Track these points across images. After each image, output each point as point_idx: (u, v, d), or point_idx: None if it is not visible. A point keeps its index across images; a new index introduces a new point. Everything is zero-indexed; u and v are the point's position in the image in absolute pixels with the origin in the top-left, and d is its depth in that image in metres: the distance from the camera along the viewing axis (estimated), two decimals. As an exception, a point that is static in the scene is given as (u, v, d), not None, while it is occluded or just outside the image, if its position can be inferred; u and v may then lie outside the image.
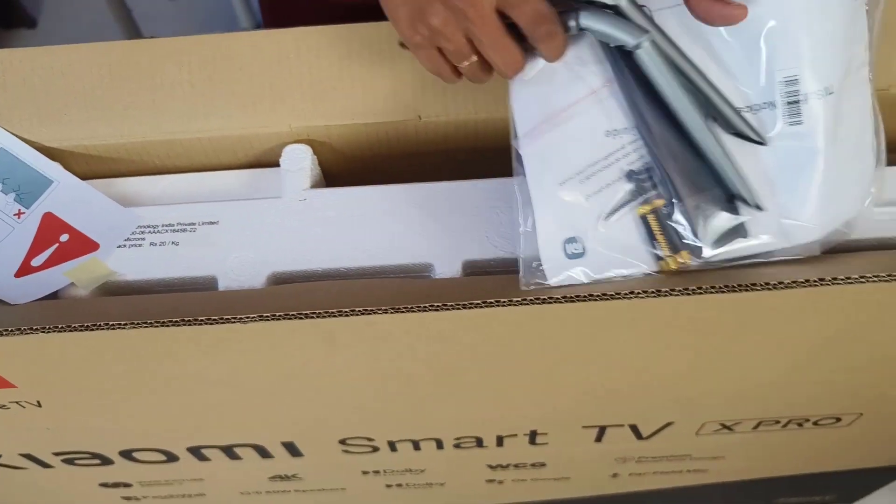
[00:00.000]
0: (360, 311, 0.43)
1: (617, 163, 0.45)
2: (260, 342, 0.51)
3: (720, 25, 0.43)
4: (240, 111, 0.54)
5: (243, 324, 0.43)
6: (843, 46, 0.46)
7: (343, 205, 0.51)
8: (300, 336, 0.50)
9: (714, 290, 0.42)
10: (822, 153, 0.45)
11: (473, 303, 0.44)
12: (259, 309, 0.45)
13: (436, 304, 0.44)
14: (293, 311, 0.43)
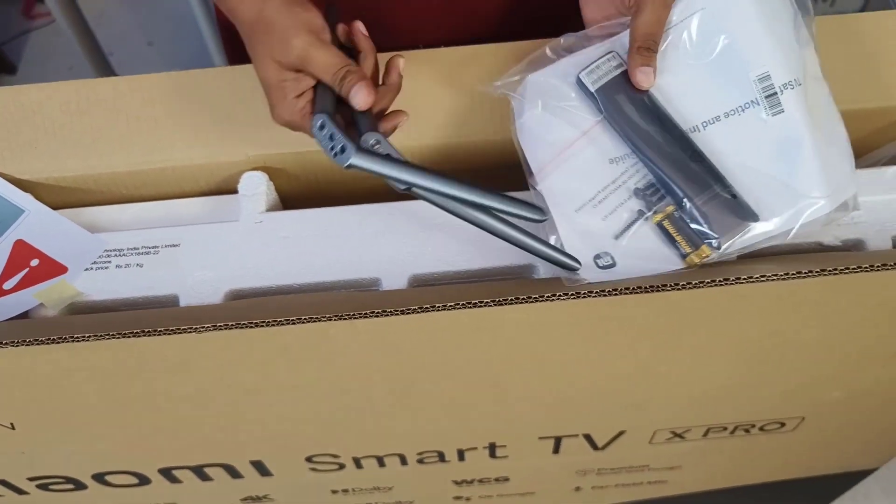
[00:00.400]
0: (307, 318, 0.46)
1: (624, 184, 0.51)
2: (221, 357, 0.54)
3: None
4: (201, 142, 0.58)
5: (198, 333, 0.46)
6: (796, 47, 0.52)
7: (296, 226, 0.55)
8: (259, 350, 0.53)
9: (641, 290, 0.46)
10: (809, 133, 0.50)
11: (420, 308, 0.47)
12: (217, 321, 0.48)
13: (380, 311, 0.47)
14: (246, 321, 0.46)
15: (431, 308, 0.46)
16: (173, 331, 0.46)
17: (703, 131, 0.51)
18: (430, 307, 0.46)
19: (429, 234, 0.55)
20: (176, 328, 0.46)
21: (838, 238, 0.53)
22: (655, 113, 0.51)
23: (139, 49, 1.86)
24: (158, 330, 0.46)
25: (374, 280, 0.53)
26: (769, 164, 0.51)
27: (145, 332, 0.46)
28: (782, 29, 0.51)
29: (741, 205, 0.50)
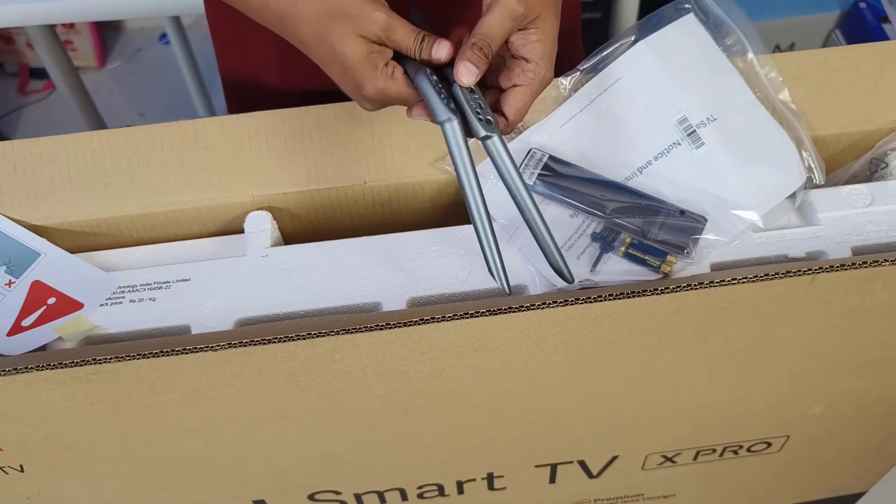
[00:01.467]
0: (315, 333, 0.49)
1: (585, 232, 0.59)
2: (229, 386, 0.56)
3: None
4: (207, 185, 0.62)
5: (214, 352, 0.49)
6: (712, 87, 0.61)
7: (299, 258, 0.59)
8: (266, 376, 0.56)
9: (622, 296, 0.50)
10: (729, 158, 0.59)
11: (420, 319, 0.50)
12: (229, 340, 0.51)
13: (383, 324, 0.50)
14: (257, 338, 0.49)
15: (430, 319, 0.50)
16: (187, 350, 0.49)
17: (641, 174, 0.60)
18: (430, 318, 0.49)
19: (424, 262, 0.58)
20: (191, 347, 0.49)
21: (802, 250, 0.57)
22: (589, 177, 0.59)
23: (131, 120, 1.92)
24: (174, 350, 0.49)
25: (374, 304, 0.56)
26: (702, 187, 0.59)
27: (161, 353, 0.49)
28: (696, 76, 0.61)
29: (689, 215, 0.57)
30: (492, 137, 0.49)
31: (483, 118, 0.48)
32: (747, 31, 0.62)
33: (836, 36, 1.32)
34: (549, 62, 0.49)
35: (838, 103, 0.64)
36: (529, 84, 0.49)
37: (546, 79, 0.50)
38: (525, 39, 0.49)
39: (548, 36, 0.49)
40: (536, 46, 0.48)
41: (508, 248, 0.58)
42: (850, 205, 0.59)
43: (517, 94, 0.49)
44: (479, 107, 0.48)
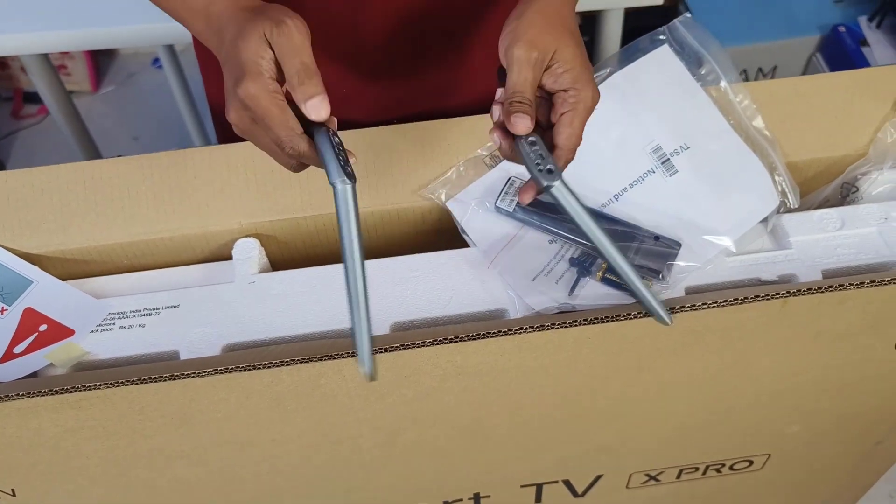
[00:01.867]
0: (300, 359, 0.51)
1: (563, 257, 0.60)
2: (218, 410, 0.58)
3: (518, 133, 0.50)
4: (196, 213, 0.64)
5: (200, 378, 0.51)
6: (686, 117, 0.63)
7: (286, 284, 0.60)
8: (254, 401, 0.57)
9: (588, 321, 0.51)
10: (702, 184, 0.62)
11: (402, 345, 0.52)
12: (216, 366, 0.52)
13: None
14: (243, 364, 0.50)
15: (412, 345, 0.51)
16: (175, 376, 0.50)
17: (617, 201, 0.62)
18: (411, 343, 0.51)
19: (407, 287, 0.60)
20: (178, 374, 0.50)
21: (775, 273, 0.59)
22: None
23: (125, 144, 1.93)
24: (162, 376, 0.51)
25: (359, 329, 0.58)
26: (676, 213, 0.61)
27: (150, 379, 0.51)
28: (670, 105, 0.64)
29: (664, 241, 0.59)
30: (554, 185, 0.48)
31: (544, 168, 0.48)
32: (721, 60, 0.64)
33: (817, 59, 1.35)
34: (587, 82, 0.50)
35: (810, 130, 0.66)
36: (573, 108, 0.49)
37: (589, 98, 0.50)
38: (554, 76, 0.49)
39: (573, 62, 0.49)
40: (566, 77, 0.49)
41: (489, 272, 0.59)
42: (821, 229, 0.61)
43: (564, 120, 0.49)
44: (539, 158, 0.48)
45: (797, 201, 0.63)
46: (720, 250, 0.59)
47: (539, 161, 0.48)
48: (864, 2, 1.36)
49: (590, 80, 0.50)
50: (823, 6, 1.37)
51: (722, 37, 1.36)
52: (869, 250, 0.59)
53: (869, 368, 0.66)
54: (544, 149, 0.49)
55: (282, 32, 0.46)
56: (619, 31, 1.24)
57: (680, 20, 0.65)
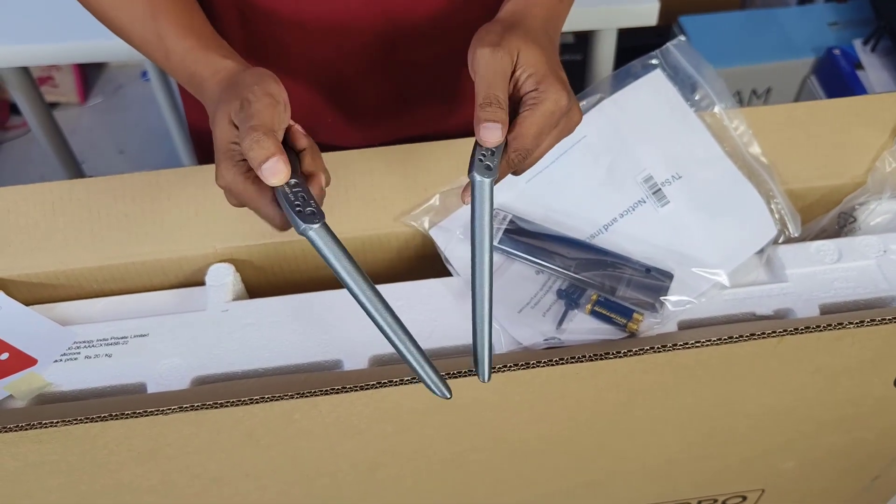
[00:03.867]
0: (271, 397, 0.48)
1: (551, 288, 0.58)
2: (187, 444, 0.55)
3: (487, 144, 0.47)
4: (169, 237, 0.61)
5: (165, 415, 0.48)
6: (679, 143, 0.61)
7: (260, 313, 0.58)
8: (225, 436, 0.54)
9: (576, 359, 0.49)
10: (695, 215, 0.59)
11: (378, 383, 0.49)
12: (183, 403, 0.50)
13: (340, 387, 0.49)
14: (210, 401, 0.48)
15: (390, 383, 0.48)
16: (140, 413, 0.48)
17: (606, 232, 0.59)
18: (389, 382, 0.48)
19: (388, 317, 0.57)
20: (143, 410, 0.48)
21: (770, 308, 0.56)
22: (552, 236, 0.59)
23: (110, 157, 1.91)
24: (125, 413, 0.48)
25: (335, 362, 0.55)
26: (668, 245, 0.58)
27: (112, 416, 0.48)
28: (662, 132, 0.61)
29: (655, 273, 0.57)
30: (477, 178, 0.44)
31: (484, 163, 0.45)
32: (715, 85, 0.62)
33: (811, 82, 1.33)
34: (552, 83, 0.46)
35: (806, 158, 0.64)
36: (531, 108, 0.46)
37: (552, 101, 0.46)
38: (518, 78, 0.46)
39: (537, 66, 0.46)
40: (530, 81, 0.46)
41: (472, 303, 0.57)
42: (818, 261, 0.58)
43: (517, 119, 0.46)
44: (487, 153, 0.45)
45: (798, 229, 0.60)
46: (713, 283, 0.57)
47: (484, 155, 0.45)
48: (858, 25, 1.35)
49: (556, 83, 0.46)
50: (818, 29, 1.36)
51: (716, 58, 1.35)
52: (867, 284, 0.57)
53: (867, 404, 0.64)
54: (499, 151, 0.45)
55: (242, 109, 0.45)
56: (612, 51, 1.23)
57: (673, 44, 0.63)
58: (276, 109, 0.45)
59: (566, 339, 0.54)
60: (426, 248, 0.62)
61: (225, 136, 0.46)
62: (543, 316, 0.56)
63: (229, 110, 0.46)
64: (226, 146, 0.46)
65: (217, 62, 0.50)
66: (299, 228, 0.43)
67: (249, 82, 0.46)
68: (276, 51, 0.65)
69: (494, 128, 0.45)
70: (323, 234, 0.44)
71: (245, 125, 0.44)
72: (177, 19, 0.52)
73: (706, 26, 1.37)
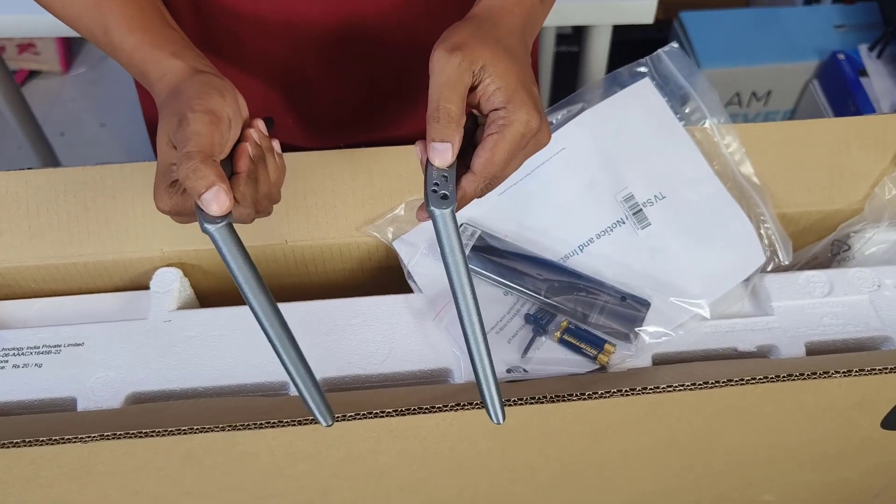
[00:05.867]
0: (206, 428, 0.44)
1: (519, 312, 0.54)
2: (121, 463, 0.51)
3: None
4: (113, 237, 0.57)
5: (84, 444, 0.44)
6: (664, 157, 0.57)
7: (205, 325, 0.53)
8: (162, 457, 0.50)
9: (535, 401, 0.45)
10: (677, 239, 0.55)
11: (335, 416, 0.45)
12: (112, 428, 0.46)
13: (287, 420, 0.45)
14: (136, 430, 0.44)
15: (342, 418, 0.44)
16: (65, 440, 0.44)
17: (581, 253, 0.55)
18: (341, 417, 0.44)
19: (342, 336, 0.53)
20: (67, 437, 0.44)
21: (753, 343, 0.52)
22: (523, 256, 0.55)
23: (92, 130, 1.85)
24: (52, 439, 0.44)
25: (281, 384, 0.51)
26: (647, 271, 0.55)
27: (36, 442, 0.44)
28: (646, 148, 0.57)
29: (631, 301, 0.53)
30: (439, 212, 0.40)
31: (439, 192, 0.41)
32: (708, 97, 0.58)
33: (813, 86, 1.29)
34: (523, 101, 0.42)
35: (801, 180, 0.60)
36: (500, 130, 0.41)
37: (522, 122, 0.42)
38: (485, 93, 0.42)
39: (506, 79, 0.42)
40: (498, 95, 0.41)
41: (434, 325, 0.53)
42: (807, 293, 0.54)
43: (486, 142, 0.42)
44: (441, 179, 0.41)
45: (788, 256, 0.56)
46: (693, 315, 0.53)
47: (437, 184, 0.41)
48: (865, 29, 1.30)
49: (527, 104, 0.42)
50: (823, 31, 1.31)
51: (715, 57, 1.30)
52: (858, 322, 0.53)
53: (851, 443, 0.60)
54: (452, 173, 0.42)
55: (180, 128, 0.41)
56: (606, 45, 1.18)
57: (665, 50, 0.58)
58: (217, 129, 0.41)
59: (531, 370, 0.50)
60: (390, 260, 0.58)
61: (164, 157, 0.43)
62: (509, 342, 0.52)
63: (168, 129, 0.42)
64: (165, 167, 0.43)
65: (164, 63, 0.46)
66: (201, 226, 0.41)
67: (190, 94, 0.42)
68: (232, 46, 0.61)
69: (444, 149, 0.41)
70: (224, 235, 0.41)
71: (182, 149, 0.40)
72: (122, 10, 0.47)
73: (707, 23, 1.32)
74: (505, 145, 0.41)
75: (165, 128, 0.42)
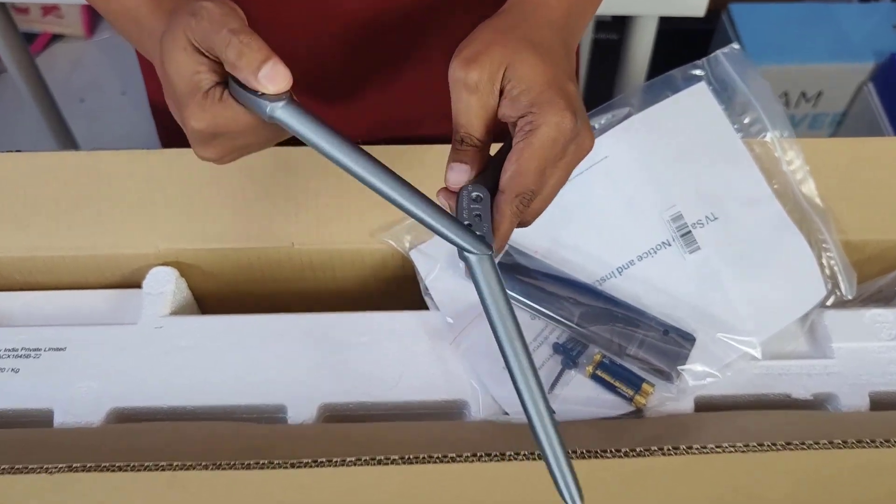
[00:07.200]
0: (182, 465, 0.39)
1: (546, 340, 0.48)
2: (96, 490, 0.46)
3: None
4: (106, 230, 0.52)
5: (49, 475, 0.39)
6: (718, 173, 0.51)
7: (199, 335, 0.48)
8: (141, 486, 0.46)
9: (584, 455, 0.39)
10: (729, 267, 0.49)
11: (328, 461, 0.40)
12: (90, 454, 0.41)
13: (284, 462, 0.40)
14: (108, 464, 0.39)
15: (340, 463, 0.39)
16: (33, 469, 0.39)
17: (620, 276, 0.49)
18: (340, 461, 0.39)
19: (349, 355, 0.48)
20: (33, 467, 0.39)
21: (809, 390, 0.46)
22: (555, 277, 0.49)
23: (113, 98, 1.81)
24: (16, 468, 0.39)
25: (278, 407, 0.46)
26: (693, 301, 0.49)
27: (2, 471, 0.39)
28: (699, 161, 0.51)
29: (675, 335, 0.47)
30: (472, 257, 0.34)
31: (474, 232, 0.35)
32: (770, 107, 0.52)
33: (868, 89, 1.21)
34: (551, 102, 0.35)
35: (869, 203, 0.53)
36: (525, 137, 0.35)
37: (553, 125, 0.35)
38: (510, 100, 0.36)
39: (533, 80, 0.36)
40: (523, 98, 0.36)
41: (451, 351, 0.48)
42: (873, 335, 0.48)
43: (512, 153, 0.36)
44: (474, 219, 0.35)
45: (852, 290, 0.50)
46: (742, 353, 0.47)
47: (471, 223, 0.35)
48: (928, 29, 1.22)
49: (555, 104, 0.35)
50: (881, 30, 1.23)
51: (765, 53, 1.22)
52: (930, 370, 0.47)
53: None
54: (487, 208, 0.36)
55: (199, 20, 0.35)
56: (651, 35, 1.11)
57: (724, 51, 0.52)
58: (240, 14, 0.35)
59: (558, 410, 0.45)
60: (406, 270, 0.53)
61: (187, 67, 0.35)
62: None
63: (183, 31, 0.35)
64: (192, 83, 0.35)
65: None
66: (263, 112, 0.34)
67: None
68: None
69: (460, 169, 0.36)
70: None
71: (217, 33, 0.34)
72: None
73: (757, 17, 1.24)
74: (532, 153, 0.35)
75: (181, 34, 0.35)
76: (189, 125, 0.36)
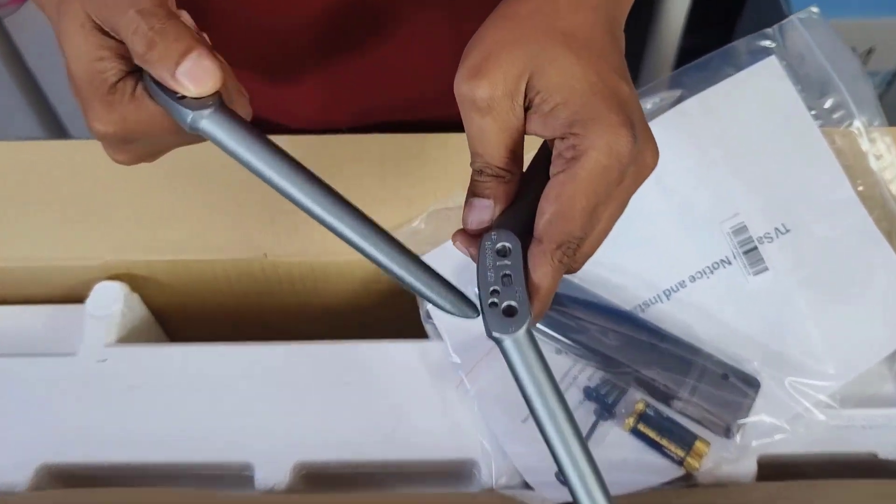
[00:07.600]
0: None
1: (575, 381, 0.39)
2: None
3: None
4: (46, 236, 0.43)
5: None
6: (793, 173, 0.41)
7: (150, 371, 0.40)
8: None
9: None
10: (802, 293, 0.40)
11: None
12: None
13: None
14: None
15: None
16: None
17: (667, 300, 0.40)
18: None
19: (332, 398, 0.39)
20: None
21: (901, 449, 0.38)
22: (587, 302, 0.40)
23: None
24: None
25: (244, 465, 0.38)
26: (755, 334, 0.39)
27: None
28: (768, 158, 0.41)
29: (735, 379, 0.38)
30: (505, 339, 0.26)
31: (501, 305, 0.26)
32: (857, 88, 0.42)
33: (926, 46, 1.09)
34: (597, 119, 0.26)
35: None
36: (566, 168, 0.26)
37: (603, 149, 0.26)
38: (541, 115, 0.27)
39: (568, 84, 0.26)
40: (558, 113, 0.26)
41: (457, 396, 0.39)
42: (980, 373, 0.39)
43: (549, 190, 0.27)
44: (503, 281, 0.26)
45: None
46: (817, 401, 0.38)
47: (497, 289, 0.26)
48: None
49: (605, 119, 0.26)
50: (942, -21, 1.11)
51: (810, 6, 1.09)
52: None
53: None
54: (518, 265, 0.26)
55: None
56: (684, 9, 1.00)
57: (800, 16, 0.42)
58: None
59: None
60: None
61: (89, 51, 0.27)
62: None
63: (81, 3, 0.27)
64: (93, 70, 0.27)
65: None
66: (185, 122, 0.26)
67: None
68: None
69: (481, 205, 0.27)
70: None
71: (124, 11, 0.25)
72: None
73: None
74: (578, 189, 0.26)
75: (78, 7, 0.27)
76: (94, 128, 0.27)
